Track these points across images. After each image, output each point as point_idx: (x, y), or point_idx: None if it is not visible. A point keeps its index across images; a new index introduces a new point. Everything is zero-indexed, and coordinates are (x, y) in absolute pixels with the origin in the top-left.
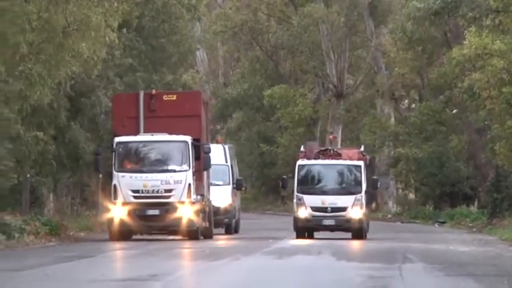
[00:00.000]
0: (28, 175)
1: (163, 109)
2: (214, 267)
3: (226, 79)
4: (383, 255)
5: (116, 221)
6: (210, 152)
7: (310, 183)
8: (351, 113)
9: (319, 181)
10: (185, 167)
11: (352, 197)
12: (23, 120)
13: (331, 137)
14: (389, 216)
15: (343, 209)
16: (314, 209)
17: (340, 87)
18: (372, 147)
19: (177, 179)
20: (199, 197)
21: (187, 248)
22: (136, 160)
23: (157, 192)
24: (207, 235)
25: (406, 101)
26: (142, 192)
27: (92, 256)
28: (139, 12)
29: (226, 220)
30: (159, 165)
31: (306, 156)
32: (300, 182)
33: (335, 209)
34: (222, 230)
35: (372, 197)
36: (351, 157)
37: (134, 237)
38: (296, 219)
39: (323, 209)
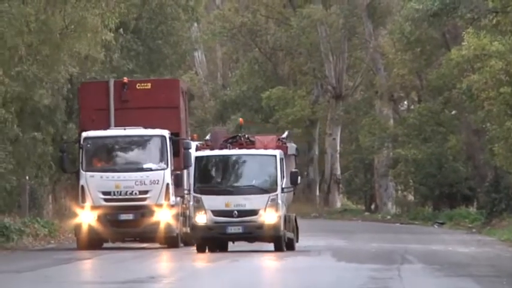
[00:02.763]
0: (27, 177)
1: (137, 99)
2: (214, 269)
3: (225, 81)
4: (382, 256)
5: (84, 228)
6: (190, 147)
7: (211, 181)
8: (350, 114)
9: (223, 177)
10: (162, 165)
11: (265, 196)
12: (21, 122)
13: (240, 120)
14: (389, 217)
15: (254, 212)
16: (216, 213)
17: (338, 89)
18: (371, 148)
19: (154, 179)
20: (178, 199)
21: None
22: (107, 158)
23: (131, 194)
24: (189, 242)
25: (405, 102)
26: (114, 195)
27: (90, 258)
28: (137, 14)
29: None
30: (133, 163)
31: (210, 147)
32: (198, 179)
33: (243, 213)
34: None
35: (371, 198)
36: (267, 145)
37: (106, 245)
38: (194, 228)
39: (228, 213)
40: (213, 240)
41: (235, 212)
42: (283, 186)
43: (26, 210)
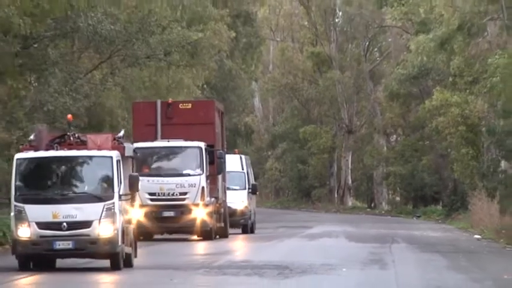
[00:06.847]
0: None
1: (180, 117)
2: (266, 246)
3: (275, 121)
4: (379, 238)
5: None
6: (223, 157)
7: (35, 188)
8: (357, 143)
9: (49, 184)
10: (199, 171)
11: (100, 205)
12: None
13: (69, 116)
14: (383, 212)
15: (86, 224)
16: (42, 226)
17: (350, 127)
18: (371, 166)
19: (192, 183)
20: (213, 199)
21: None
22: (153, 165)
23: (173, 195)
24: (222, 235)
25: (394, 136)
26: (158, 195)
27: (169, 242)
28: (214, 76)
29: (242, 221)
30: (175, 169)
31: (34, 148)
32: (19, 186)
33: (74, 225)
34: (239, 231)
35: (371, 199)
36: (101, 146)
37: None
38: (16, 243)
39: (55, 226)
40: (37, 257)
41: (65, 224)
42: (121, 192)
43: None
